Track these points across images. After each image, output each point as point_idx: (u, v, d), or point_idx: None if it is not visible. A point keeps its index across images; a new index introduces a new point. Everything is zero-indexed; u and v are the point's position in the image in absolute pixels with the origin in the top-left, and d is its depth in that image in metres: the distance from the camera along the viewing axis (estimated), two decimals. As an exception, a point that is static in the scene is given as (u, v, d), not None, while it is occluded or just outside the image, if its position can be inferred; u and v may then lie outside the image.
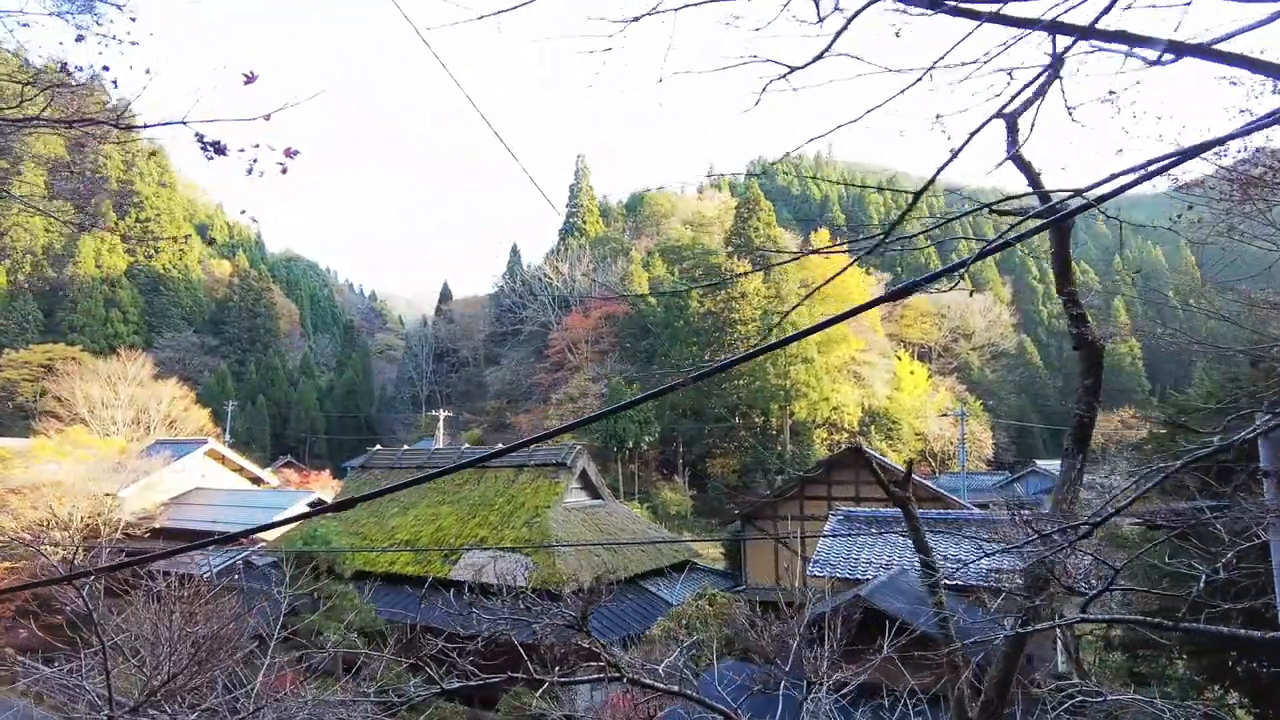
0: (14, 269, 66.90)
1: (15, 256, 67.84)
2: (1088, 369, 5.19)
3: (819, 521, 23.72)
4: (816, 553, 18.60)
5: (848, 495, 23.64)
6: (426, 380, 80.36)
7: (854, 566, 18.00)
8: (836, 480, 24.31)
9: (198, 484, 32.11)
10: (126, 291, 72.05)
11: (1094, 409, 5.15)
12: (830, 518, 20.18)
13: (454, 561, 21.12)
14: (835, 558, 18.34)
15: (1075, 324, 5.19)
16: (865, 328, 65.92)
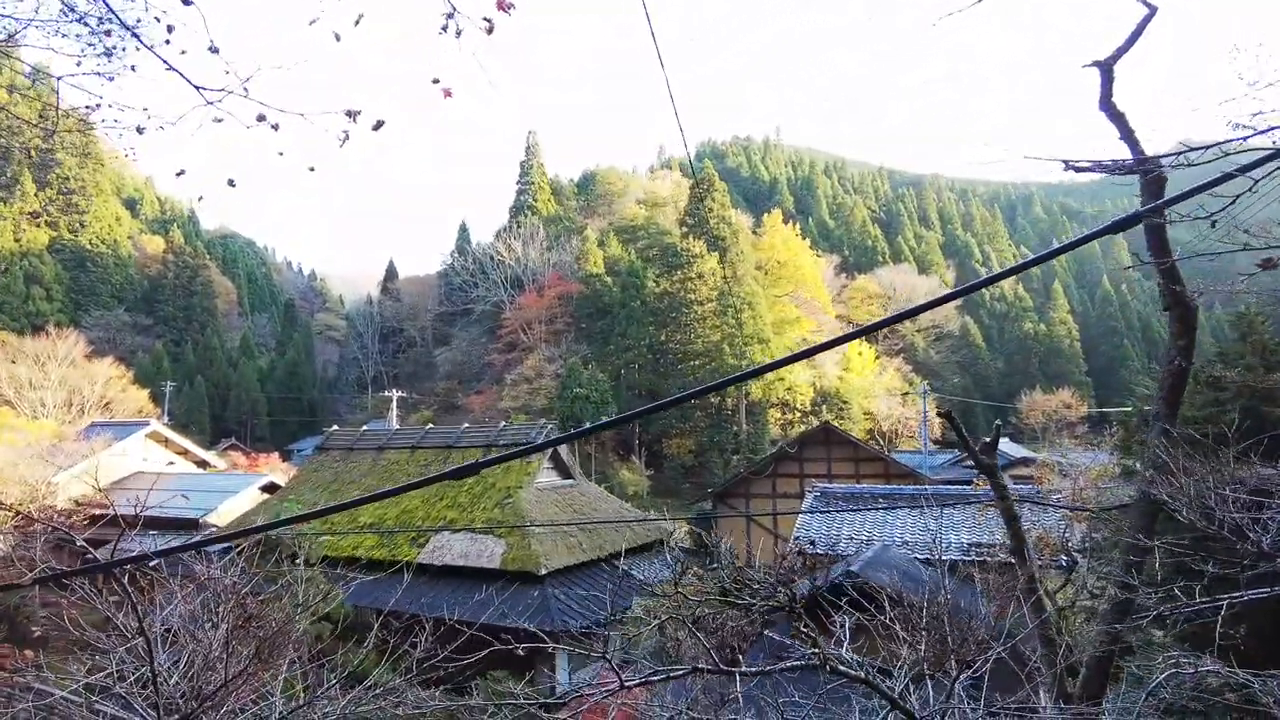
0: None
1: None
2: (1181, 329, 4.97)
3: (792, 499, 23.77)
4: (796, 529, 18.55)
5: (820, 472, 23.70)
6: (373, 361, 78.37)
7: (834, 543, 18.00)
8: (808, 458, 24.34)
9: (139, 468, 30.55)
10: (49, 267, 68.27)
11: (1186, 373, 4.95)
12: (807, 494, 20.14)
13: (422, 545, 20.48)
14: (816, 534, 18.31)
15: (1169, 281, 4.94)
16: (817, 309, 66.60)
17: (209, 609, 4.72)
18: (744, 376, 4.13)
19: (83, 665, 5.64)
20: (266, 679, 4.85)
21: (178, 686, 4.03)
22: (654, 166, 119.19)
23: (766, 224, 72.41)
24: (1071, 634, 7.56)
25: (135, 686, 4.28)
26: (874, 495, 20.31)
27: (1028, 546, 5.81)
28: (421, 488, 22.48)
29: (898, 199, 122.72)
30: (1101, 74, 5.16)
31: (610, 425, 11.60)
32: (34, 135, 72.98)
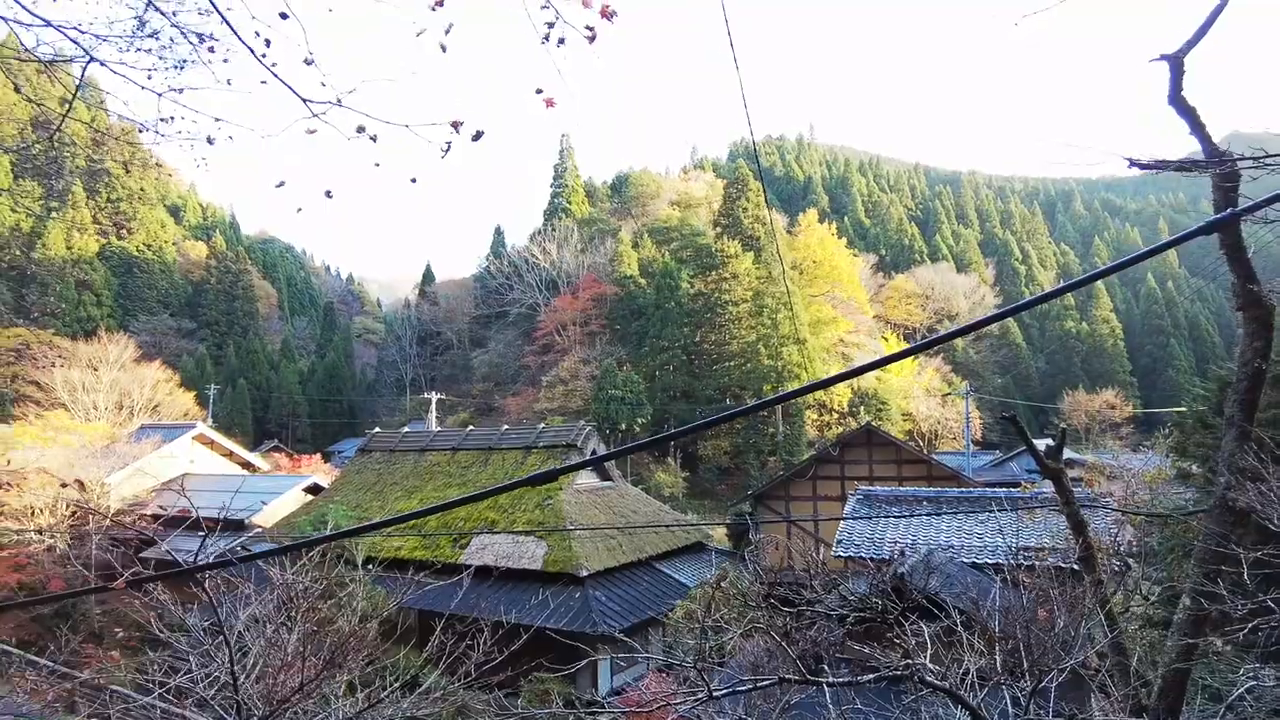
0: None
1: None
2: (1257, 330, 4.82)
3: (832, 502, 23.55)
4: (839, 533, 18.34)
5: (861, 474, 23.44)
6: (411, 363, 79.30)
7: (879, 547, 17.76)
8: (850, 460, 24.08)
9: (187, 469, 31.22)
10: (99, 274, 70.14)
11: (1263, 375, 4.79)
12: (850, 498, 19.92)
13: (464, 546, 20.65)
14: (859, 538, 18.10)
15: (1244, 280, 4.80)
16: (854, 309, 65.96)
17: (283, 612, 4.79)
18: (803, 391, 4.11)
19: (153, 665, 5.73)
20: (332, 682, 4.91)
21: (254, 689, 4.10)
22: (687, 167, 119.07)
23: (801, 223, 71.91)
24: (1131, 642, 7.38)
25: (211, 688, 4.35)
26: (918, 498, 20.03)
27: (1096, 553, 5.67)
28: (499, 494, 22.78)
29: (934, 196, 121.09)
30: (1171, 67, 5.03)
31: (674, 436, 11.51)
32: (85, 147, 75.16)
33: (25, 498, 24.75)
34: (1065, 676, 4.06)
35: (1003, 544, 16.95)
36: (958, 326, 4.31)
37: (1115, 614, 5.35)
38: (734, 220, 60.04)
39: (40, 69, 5.94)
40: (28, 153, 15.77)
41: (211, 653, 4.63)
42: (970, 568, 14.57)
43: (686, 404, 53.90)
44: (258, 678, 4.41)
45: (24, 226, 69.31)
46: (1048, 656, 3.90)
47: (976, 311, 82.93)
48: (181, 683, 4.32)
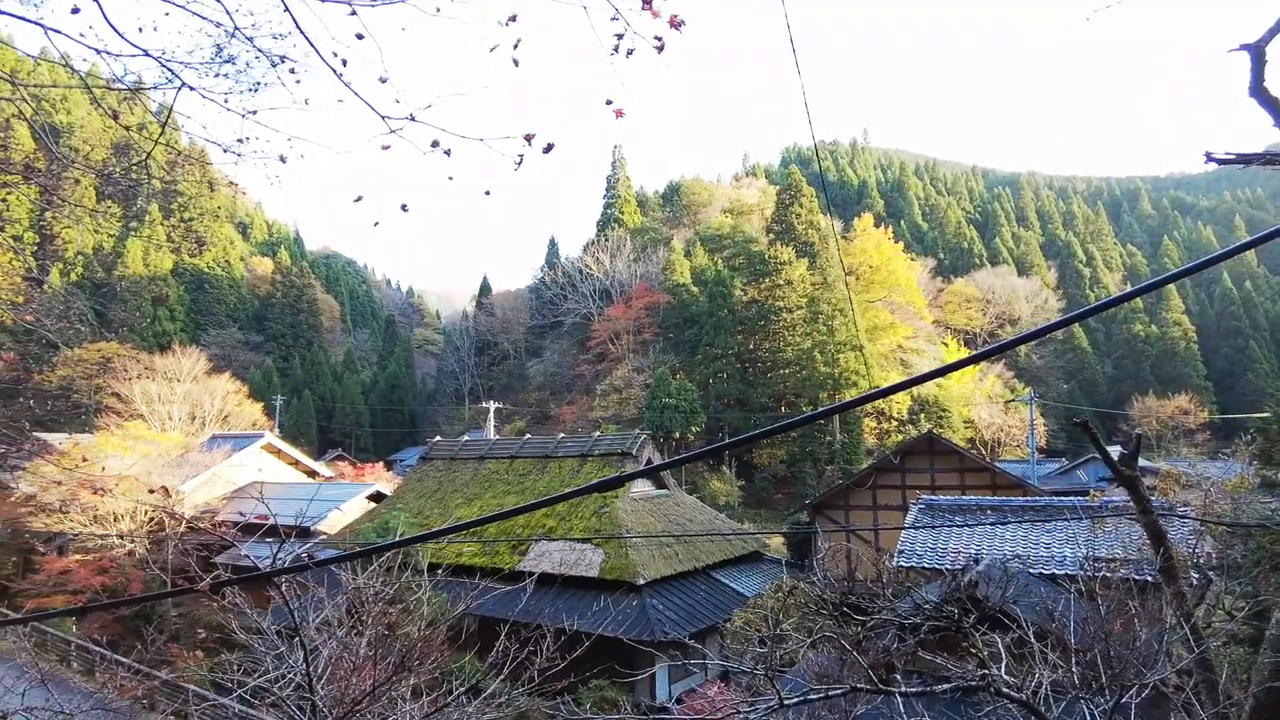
0: (67, 270, 68.14)
1: (68, 258, 69.10)
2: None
3: (893, 511, 23.12)
4: (901, 543, 17.97)
5: (922, 483, 22.96)
6: (469, 373, 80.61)
7: (942, 556, 17.36)
8: (910, 468, 23.62)
9: (255, 477, 32.23)
10: (173, 290, 73.10)
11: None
12: (912, 507, 19.52)
13: (523, 552, 20.85)
14: (921, 548, 17.71)
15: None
16: (912, 314, 64.77)
17: (353, 616, 4.91)
18: (864, 400, 4.05)
19: (230, 665, 5.91)
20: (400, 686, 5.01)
21: (325, 691, 4.20)
22: (738, 174, 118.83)
23: (857, 228, 70.96)
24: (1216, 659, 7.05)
25: (286, 689, 4.47)
26: (982, 506, 19.51)
27: (1178, 564, 5.44)
28: (561, 501, 23.05)
29: (993, 199, 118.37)
30: (1252, 58, 4.84)
31: (734, 445, 11.43)
32: (161, 170, 78.42)
33: (109, 504, 25.88)
34: (1148, 693, 3.91)
35: (1071, 554, 16.42)
36: (1023, 332, 4.27)
37: (1199, 628, 5.13)
38: (787, 226, 59.59)
39: (123, 96, 6.26)
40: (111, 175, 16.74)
41: (285, 655, 4.76)
42: (1038, 578, 14.15)
43: (741, 412, 53.59)
44: (329, 680, 4.53)
45: (106, 246, 72.75)
46: (1128, 671, 3.76)
47: (1039, 316, 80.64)
48: (259, 683, 4.46)
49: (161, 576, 25.46)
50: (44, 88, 6.58)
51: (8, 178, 6.68)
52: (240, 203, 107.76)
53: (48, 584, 24.58)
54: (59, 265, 67.59)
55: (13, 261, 40.69)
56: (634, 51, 2.63)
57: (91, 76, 5.97)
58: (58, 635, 22.14)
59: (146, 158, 4.67)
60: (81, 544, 25.22)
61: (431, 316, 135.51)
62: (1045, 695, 3.97)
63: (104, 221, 73.43)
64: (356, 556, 5.92)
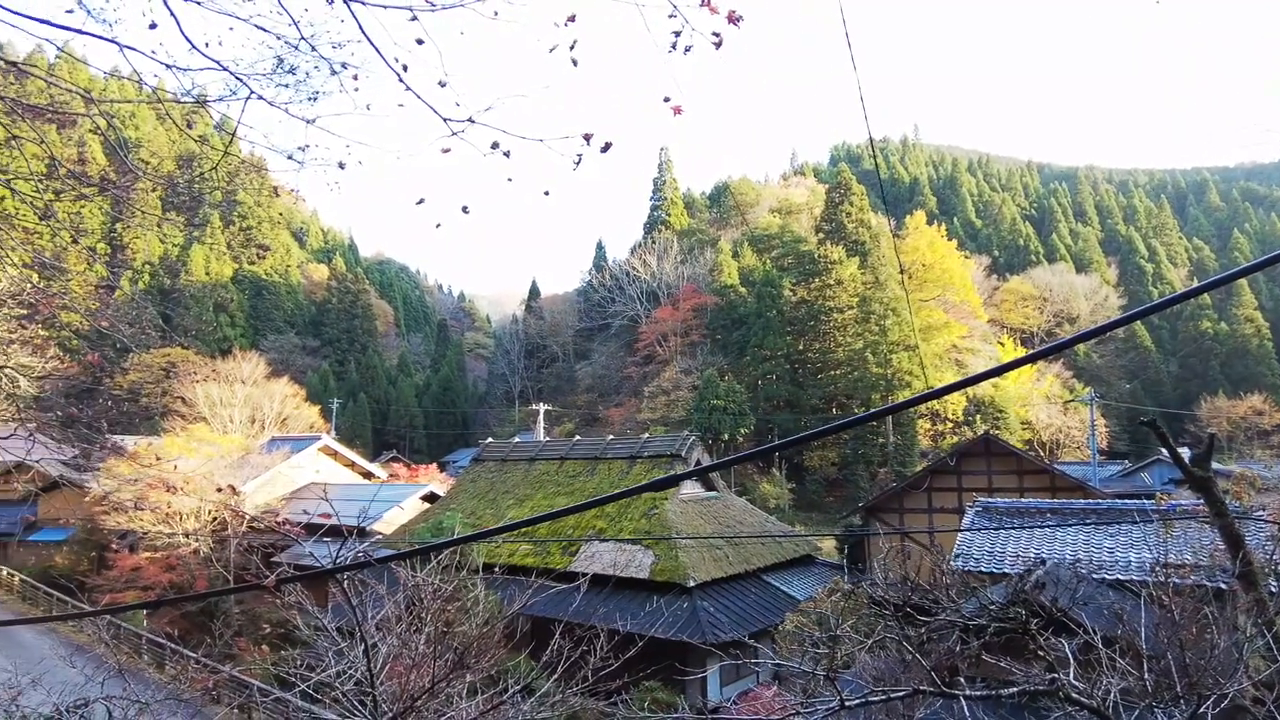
0: (135, 278, 70.78)
1: (137, 266, 71.80)
2: None
3: (948, 514, 22.66)
4: (958, 546, 17.62)
5: (979, 486, 22.46)
6: (518, 376, 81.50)
7: (1000, 560, 16.97)
8: (967, 470, 23.13)
9: (312, 478, 33.02)
10: (234, 296, 75.41)
11: None
12: (968, 510, 19.12)
13: (573, 553, 20.96)
14: (979, 551, 17.34)
15: None
16: (966, 313, 63.46)
17: (412, 613, 5.00)
18: (918, 400, 3.93)
19: (292, 661, 6.05)
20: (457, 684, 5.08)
21: (386, 687, 4.28)
22: (786, 173, 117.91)
23: (909, 225, 69.77)
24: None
25: (348, 684, 4.57)
26: (1041, 510, 19.01)
27: (1256, 570, 5.22)
28: (612, 502, 23.18)
29: (1049, 194, 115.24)
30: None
31: (786, 445, 11.32)
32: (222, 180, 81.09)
33: (176, 503, 26.80)
34: (1226, 705, 3.75)
35: (1137, 559, 15.90)
36: (1083, 330, 4.03)
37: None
38: (837, 225, 58.91)
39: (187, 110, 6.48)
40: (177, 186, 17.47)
41: (345, 651, 4.87)
42: (1101, 583, 13.71)
43: (790, 414, 53.12)
44: (388, 676, 4.62)
45: (171, 254, 75.42)
46: (1205, 681, 3.60)
47: (1098, 314, 78.29)
48: (321, 679, 4.57)
49: (224, 574, 26.30)
50: (116, 103, 6.96)
51: (85, 190, 6.95)
52: (296, 211, 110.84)
53: (120, 580, 25.59)
54: (128, 273, 70.26)
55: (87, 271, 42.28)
56: (691, 48, 2.63)
57: (159, 91, 6.20)
58: (130, 629, 22.98)
59: (216, 166, 4.83)
60: (150, 542, 26.17)
61: (482, 320, 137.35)
62: (1115, 702, 3.84)
63: (170, 231, 76.22)
64: (415, 555, 6.04)
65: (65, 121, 7.38)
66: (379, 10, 3.10)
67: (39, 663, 6.55)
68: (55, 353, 12.98)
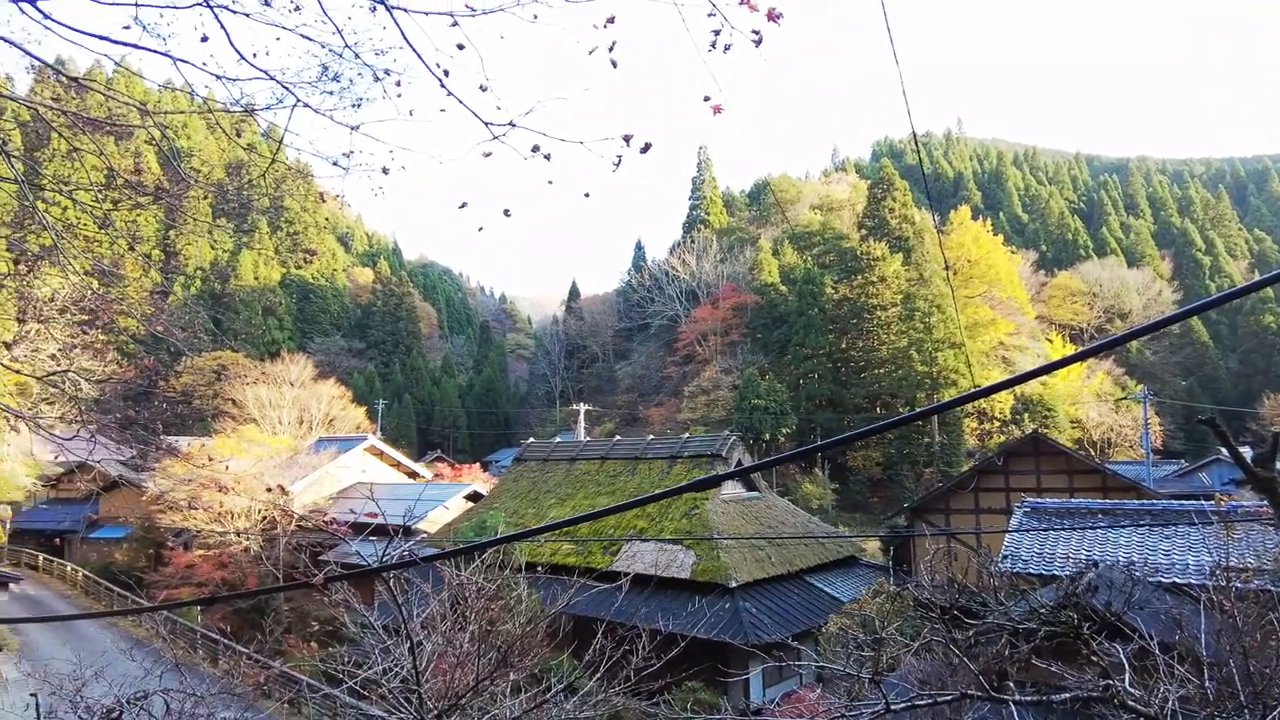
0: (187, 283, 72.84)
1: (188, 272, 73.88)
2: None
3: (996, 515, 22.23)
4: (1005, 547, 17.26)
5: (1027, 486, 22.00)
6: (559, 376, 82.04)
7: (1049, 562, 16.58)
8: (1014, 470, 22.66)
9: (359, 478, 33.61)
10: (282, 300, 77.17)
11: None
12: (1016, 510, 18.73)
13: (614, 553, 21.02)
14: (1027, 553, 16.97)
15: None
16: (1013, 310, 62.16)
17: (458, 611, 5.06)
18: (965, 399, 3.83)
19: (340, 658, 6.16)
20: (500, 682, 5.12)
21: (431, 685, 4.34)
22: (827, 170, 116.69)
23: (953, 221, 68.59)
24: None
25: (393, 681, 4.64)
26: (1092, 510, 18.54)
27: None
28: (654, 502, 23.21)
29: (1099, 187, 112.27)
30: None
31: (831, 445, 11.17)
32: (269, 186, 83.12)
33: (227, 502, 27.53)
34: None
35: (1195, 562, 15.43)
36: (1136, 326, 3.94)
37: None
38: (879, 222, 58.15)
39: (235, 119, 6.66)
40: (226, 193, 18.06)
41: (391, 649, 4.94)
42: (1156, 587, 13.32)
43: (833, 413, 52.60)
44: (432, 673, 4.68)
45: (221, 260, 77.47)
46: (1271, 690, 3.47)
47: (1151, 309, 76.06)
48: (368, 676, 4.65)
49: (274, 572, 26.94)
50: (170, 114, 7.22)
51: (141, 199, 7.17)
52: (341, 216, 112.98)
53: (175, 576, 26.38)
54: (181, 279, 72.34)
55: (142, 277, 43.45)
56: (731, 47, 2.62)
57: (209, 101, 6.38)
58: (185, 624, 23.66)
59: (266, 173, 4.95)
60: (203, 540, 26.89)
61: (523, 321, 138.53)
62: (1174, 710, 3.72)
63: (220, 236, 78.31)
64: (459, 554, 6.14)
65: (123, 133, 7.62)
66: (420, 17, 3.14)
67: (101, 655, 6.77)
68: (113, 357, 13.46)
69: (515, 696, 5.91)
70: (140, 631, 23.85)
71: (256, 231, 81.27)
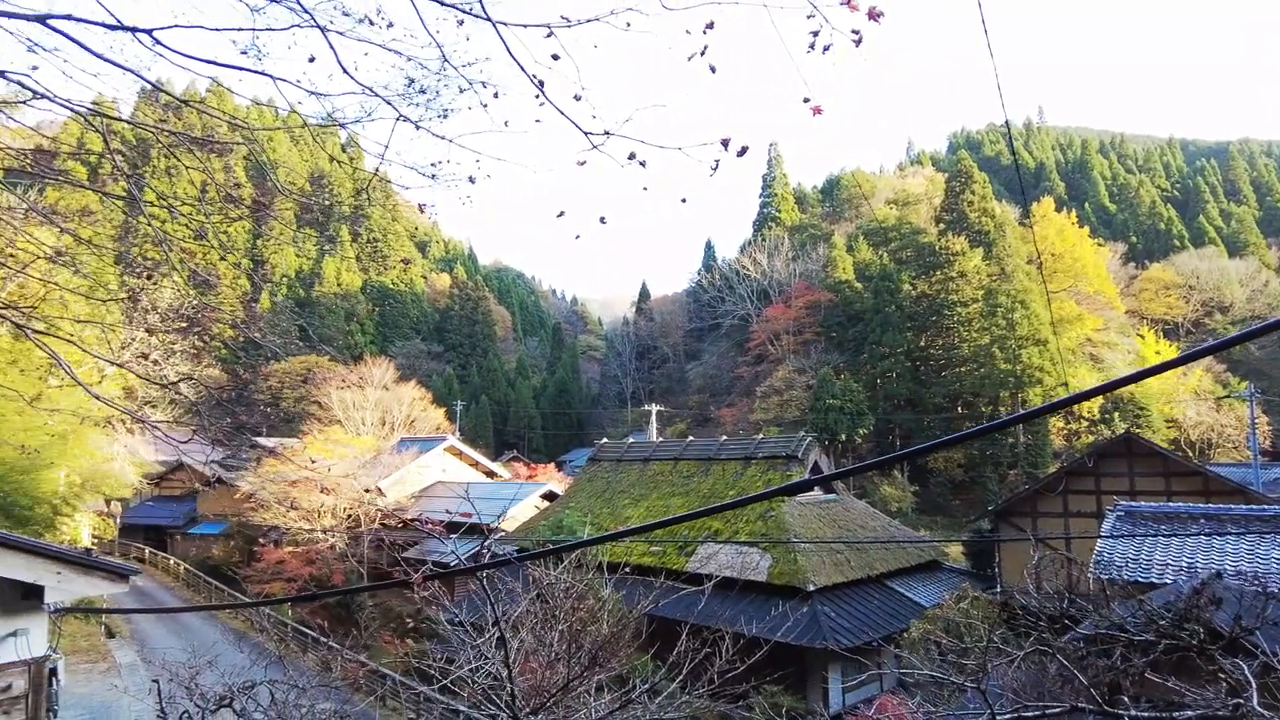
0: (274, 291, 76.03)
1: (275, 280, 77.13)
2: None
3: (1086, 518, 21.33)
4: (1097, 553, 16.53)
5: (1120, 489, 21.02)
6: (630, 377, 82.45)
7: (1146, 569, 15.80)
8: (1106, 472, 21.69)
9: (439, 478, 34.46)
10: (363, 305, 79.80)
11: None
12: (1108, 514, 17.91)
13: (689, 554, 20.98)
14: (1121, 559, 16.21)
15: None
16: (1101, 304, 59.56)
17: (546, 610, 5.14)
18: (1070, 401, 3.59)
19: (430, 655, 6.30)
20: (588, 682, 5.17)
21: (524, 683, 4.41)
22: (902, 163, 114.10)
23: (1036, 213, 66.12)
24: None
25: (483, 678, 4.73)
26: (1193, 515, 17.59)
27: None
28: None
29: (1195, 173, 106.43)
30: None
31: (925, 450, 10.98)
32: (351, 196, 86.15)
33: (313, 500, 28.63)
34: None
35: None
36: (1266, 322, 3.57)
37: None
38: (958, 215, 56.45)
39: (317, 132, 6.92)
40: (309, 203, 18.79)
41: (482, 648, 5.05)
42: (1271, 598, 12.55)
43: (912, 413, 51.35)
44: (519, 672, 4.77)
45: (305, 268, 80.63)
46: None
47: (1256, 302, 71.70)
48: (460, 675, 4.75)
49: (358, 569, 27.88)
50: (263, 130, 7.60)
51: (238, 212, 7.53)
52: (419, 223, 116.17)
53: (267, 571, 27.55)
54: (269, 286, 75.60)
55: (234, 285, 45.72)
56: (830, 47, 2.58)
57: (293, 116, 6.64)
58: (276, 617, 24.68)
59: (364, 188, 5.12)
60: (292, 537, 27.98)
61: (594, 323, 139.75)
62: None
63: (305, 245, 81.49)
64: (550, 554, 6.25)
65: (221, 150, 8.00)
66: (519, 29, 3.21)
67: (211, 645, 7.13)
68: (209, 361, 14.18)
69: (599, 697, 5.97)
70: (237, 623, 25.05)
71: (339, 240, 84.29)
